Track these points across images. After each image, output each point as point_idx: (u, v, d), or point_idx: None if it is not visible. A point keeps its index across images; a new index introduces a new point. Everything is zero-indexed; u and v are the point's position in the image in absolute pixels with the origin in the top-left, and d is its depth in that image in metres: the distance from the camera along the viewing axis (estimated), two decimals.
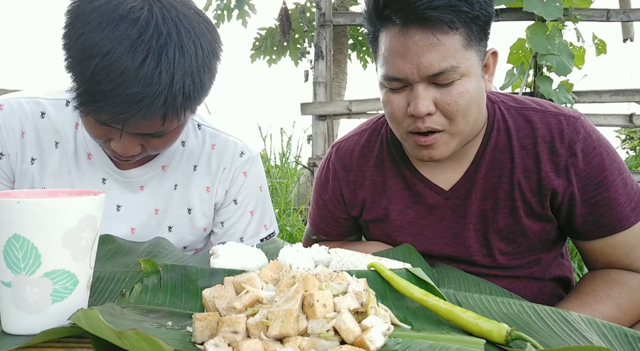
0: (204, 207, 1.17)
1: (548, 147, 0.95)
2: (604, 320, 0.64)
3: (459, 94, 0.88)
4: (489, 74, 0.97)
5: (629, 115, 3.54)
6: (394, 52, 0.89)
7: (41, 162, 1.05)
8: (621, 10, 3.53)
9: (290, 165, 4.79)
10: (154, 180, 1.12)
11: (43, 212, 0.53)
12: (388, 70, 0.91)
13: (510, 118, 1.00)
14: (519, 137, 0.98)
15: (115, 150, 0.92)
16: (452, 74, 0.86)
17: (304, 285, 0.56)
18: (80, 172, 1.07)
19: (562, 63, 3.22)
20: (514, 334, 0.54)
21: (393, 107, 0.94)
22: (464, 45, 0.87)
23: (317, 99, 3.77)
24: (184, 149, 1.16)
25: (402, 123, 0.94)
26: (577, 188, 0.94)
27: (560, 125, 0.95)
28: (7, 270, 0.54)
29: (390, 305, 0.64)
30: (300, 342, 0.50)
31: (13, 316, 0.55)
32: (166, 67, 0.83)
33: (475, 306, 0.67)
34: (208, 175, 1.17)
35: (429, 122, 0.90)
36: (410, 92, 0.90)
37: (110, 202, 1.09)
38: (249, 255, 0.79)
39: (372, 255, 0.84)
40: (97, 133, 0.92)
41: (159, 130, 0.91)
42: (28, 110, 1.04)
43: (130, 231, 1.11)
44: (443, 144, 0.92)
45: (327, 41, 3.77)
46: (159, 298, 0.66)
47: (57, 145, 1.06)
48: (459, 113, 0.89)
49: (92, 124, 0.91)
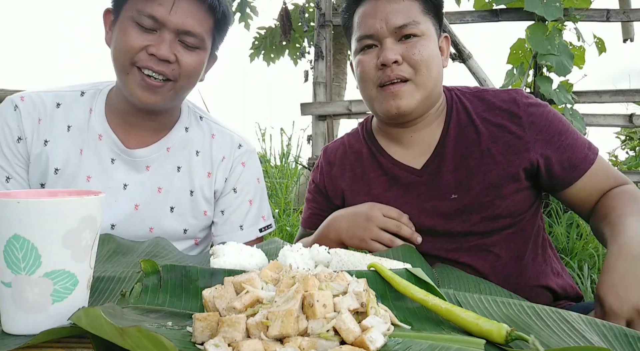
0: (204, 191, 1.25)
1: (507, 113, 1.09)
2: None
3: (422, 47, 1.05)
4: (444, 56, 1.15)
5: (629, 115, 3.54)
6: (366, 14, 1.08)
7: (54, 144, 1.15)
8: (621, 10, 3.53)
9: (290, 165, 4.79)
10: (158, 160, 1.21)
11: (43, 212, 0.53)
12: (362, 31, 1.09)
13: (466, 99, 1.14)
14: (478, 112, 1.11)
15: (154, 52, 1.04)
16: (414, 28, 1.05)
17: (304, 285, 0.56)
18: (90, 152, 1.16)
19: (562, 63, 3.22)
20: (514, 334, 0.54)
21: (364, 64, 1.09)
22: (421, 10, 1.08)
23: (317, 99, 3.77)
24: (187, 135, 1.25)
25: (372, 78, 1.08)
26: (545, 141, 1.06)
27: (511, 95, 1.11)
28: (7, 270, 0.54)
29: (390, 305, 0.64)
30: (300, 342, 0.50)
31: (13, 316, 0.55)
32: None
33: (475, 306, 0.67)
34: (209, 161, 1.26)
35: (397, 70, 1.05)
36: (380, 49, 1.07)
37: (117, 181, 1.17)
38: (249, 255, 0.79)
39: (372, 255, 0.84)
40: (137, 41, 1.05)
41: (197, 29, 1.08)
42: (45, 101, 1.16)
43: (134, 207, 1.19)
44: (409, 94, 1.06)
45: (327, 41, 3.77)
46: (159, 298, 0.66)
47: (70, 128, 1.17)
48: (422, 63, 1.05)
49: (135, 32, 1.05)
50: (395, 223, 1.07)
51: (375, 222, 1.06)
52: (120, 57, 1.07)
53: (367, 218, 1.07)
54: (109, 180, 1.17)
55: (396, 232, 1.06)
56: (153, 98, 1.08)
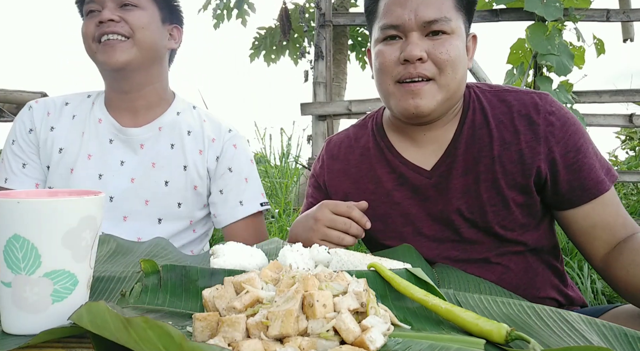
0: (197, 167, 1.35)
1: (525, 119, 1.01)
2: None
3: (450, 45, 0.97)
4: (469, 57, 1.07)
5: (629, 115, 3.55)
6: (395, 2, 0.99)
7: (59, 128, 1.34)
8: (621, 10, 3.53)
9: (290, 165, 4.79)
10: (151, 139, 1.34)
11: (43, 212, 0.53)
12: (387, 19, 1.00)
13: (485, 99, 1.07)
14: (495, 114, 1.04)
15: (100, 19, 1.21)
16: (444, 25, 0.97)
17: (304, 285, 0.56)
18: (91, 135, 1.33)
19: (562, 63, 3.22)
20: (513, 334, 0.54)
21: (385, 56, 1.01)
22: (454, 6, 0.99)
23: (317, 99, 3.78)
24: (178, 117, 1.38)
25: (392, 72, 1.01)
26: (558, 155, 0.98)
27: (534, 100, 1.02)
28: (7, 270, 0.54)
29: (390, 305, 0.64)
30: (300, 342, 0.50)
31: (13, 316, 0.55)
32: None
33: (475, 306, 0.67)
34: (201, 140, 1.37)
35: (420, 68, 0.97)
36: (405, 43, 0.99)
37: (115, 159, 1.33)
38: (249, 255, 0.79)
39: (372, 255, 0.84)
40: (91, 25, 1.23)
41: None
42: (55, 101, 1.38)
43: (130, 181, 1.32)
44: (430, 94, 0.98)
45: (327, 41, 3.77)
46: (159, 298, 0.66)
47: (74, 117, 1.36)
48: (449, 64, 0.97)
49: (87, 20, 1.24)
50: (343, 220, 0.98)
51: (322, 222, 0.98)
52: (86, 42, 1.25)
53: (315, 219, 0.99)
54: (108, 158, 1.32)
55: (345, 230, 0.98)
56: (118, 55, 1.22)
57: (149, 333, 0.40)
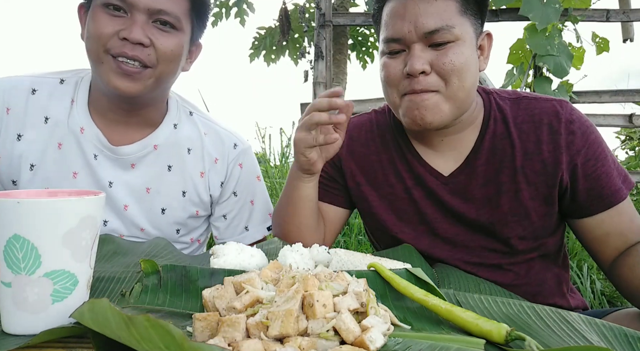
0: (199, 192, 1.18)
1: (547, 128, 0.99)
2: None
3: (455, 55, 0.93)
4: (484, 56, 1.02)
5: (629, 115, 3.55)
6: (394, 13, 0.96)
7: (29, 137, 1.06)
8: (621, 11, 3.53)
9: (290, 165, 4.78)
10: (146, 159, 1.13)
11: (43, 212, 0.53)
12: (388, 33, 0.97)
13: (506, 107, 1.04)
14: (516, 123, 1.02)
15: (126, 36, 0.97)
16: (447, 34, 0.92)
17: (304, 285, 0.56)
18: (71, 147, 1.08)
19: (560, 64, 3.22)
20: (513, 334, 0.54)
21: (389, 70, 0.98)
22: (459, 11, 0.94)
23: None
24: (176, 131, 1.17)
25: (397, 86, 0.98)
26: (579, 164, 0.97)
27: (554, 108, 1.01)
28: (7, 270, 0.54)
29: (390, 305, 0.64)
30: (300, 342, 0.50)
31: (13, 316, 0.55)
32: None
33: (475, 306, 0.67)
34: (201, 160, 1.19)
35: (424, 82, 0.94)
36: (408, 55, 0.95)
37: (102, 179, 1.10)
38: (249, 255, 0.79)
39: (372, 255, 0.84)
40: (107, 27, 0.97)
41: (171, 8, 1.00)
42: (17, 87, 1.07)
43: (123, 208, 1.13)
44: (436, 106, 0.95)
45: (327, 41, 3.77)
46: (159, 298, 0.66)
47: (47, 120, 1.07)
48: (454, 73, 0.93)
49: (105, 17, 0.98)
50: (314, 114, 0.95)
51: (300, 130, 0.97)
52: (92, 46, 0.99)
53: (296, 138, 0.98)
54: (95, 177, 1.10)
55: (325, 122, 0.95)
56: (132, 86, 1.00)
57: (150, 331, 0.40)
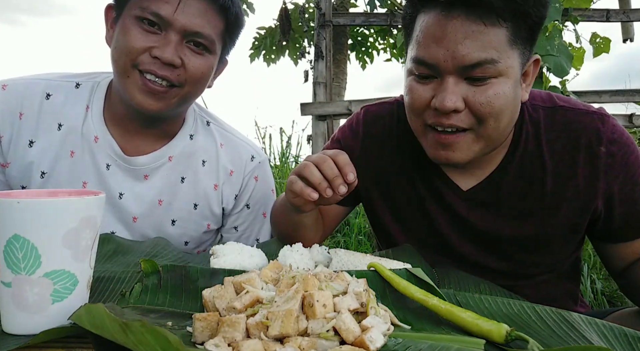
0: (211, 204, 1.16)
1: (584, 149, 0.88)
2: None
3: (495, 95, 0.79)
4: (527, 83, 0.88)
5: (629, 115, 3.55)
6: (430, 34, 0.80)
7: (41, 145, 1.03)
8: (621, 11, 3.53)
9: (290, 165, 4.79)
10: (160, 170, 1.10)
11: (43, 212, 0.53)
12: (419, 52, 0.82)
13: (539, 118, 0.92)
14: (550, 140, 0.91)
15: (158, 55, 0.94)
16: (489, 69, 0.78)
17: (304, 285, 0.56)
18: (84, 155, 1.05)
19: (560, 64, 3.21)
20: (513, 334, 0.54)
21: (415, 96, 0.85)
22: (508, 41, 0.78)
23: (317, 99, 3.78)
24: (192, 143, 1.14)
25: (422, 114, 0.86)
26: (616, 190, 0.88)
27: (595, 124, 0.89)
28: (7, 270, 0.54)
29: (390, 305, 0.64)
30: (300, 342, 0.50)
31: (13, 317, 0.55)
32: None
33: (475, 306, 0.67)
34: (216, 173, 1.16)
35: (455, 119, 0.81)
36: (439, 85, 0.82)
37: (113, 190, 1.07)
38: (249, 255, 0.79)
39: (372, 255, 0.84)
40: (139, 42, 0.94)
41: (207, 31, 0.98)
42: (32, 91, 1.04)
43: (132, 219, 1.10)
44: (465, 146, 0.84)
45: (327, 41, 3.77)
46: (159, 298, 0.66)
47: (60, 127, 1.04)
48: (491, 116, 0.80)
49: (137, 31, 0.95)
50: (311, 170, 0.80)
51: (294, 173, 0.84)
52: (120, 58, 0.96)
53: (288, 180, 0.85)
54: (105, 187, 1.07)
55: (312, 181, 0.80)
56: (156, 104, 0.98)
57: (147, 336, 0.41)
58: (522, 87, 0.86)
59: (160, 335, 0.40)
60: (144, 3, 0.95)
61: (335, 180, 0.79)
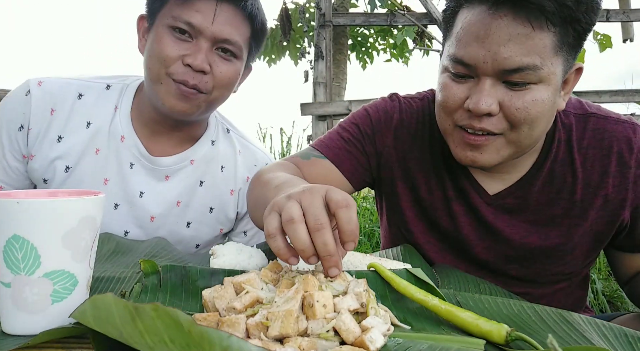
0: (226, 209, 1.19)
1: (616, 158, 0.88)
2: None
3: (532, 101, 0.76)
4: (566, 91, 0.84)
5: (629, 115, 3.55)
6: (472, 32, 0.76)
7: (69, 140, 1.08)
8: (621, 11, 3.53)
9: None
10: (181, 172, 1.14)
11: (43, 212, 0.53)
12: (458, 50, 0.79)
13: (571, 125, 0.91)
14: (581, 148, 0.90)
15: (190, 62, 0.98)
16: (530, 75, 0.75)
17: (304, 285, 0.56)
18: (109, 153, 1.10)
19: None
20: (513, 334, 0.54)
21: (449, 95, 0.82)
22: (554, 47, 0.74)
23: (317, 99, 3.78)
24: (213, 148, 1.19)
25: (453, 114, 0.83)
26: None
27: (626, 133, 0.88)
28: (6, 270, 0.54)
29: (390, 306, 0.64)
30: (300, 343, 0.50)
31: (13, 317, 0.55)
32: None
33: (475, 306, 0.67)
34: (233, 179, 1.20)
35: (487, 123, 0.79)
36: (475, 86, 0.79)
37: (134, 188, 1.11)
38: (249, 255, 0.79)
39: (372, 255, 0.84)
40: (173, 50, 0.98)
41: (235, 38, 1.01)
42: (66, 90, 1.08)
43: (149, 219, 1.14)
44: (494, 150, 0.81)
45: (327, 41, 3.77)
46: (158, 298, 0.66)
47: (89, 125, 1.09)
48: (525, 123, 0.78)
49: (170, 40, 0.99)
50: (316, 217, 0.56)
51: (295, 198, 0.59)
52: (154, 66, 1.01)
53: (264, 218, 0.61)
54: (126, 186, 1.11)
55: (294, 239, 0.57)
56: (185, 106, 1.02)
57: (156, 322, 0.40)
58: (561, 95, 0.83)
59: (171, 320, 0.39)
60: (175, 12, 0.99)
61: (327, 260, 0.57)
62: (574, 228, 0.90)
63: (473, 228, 0.96)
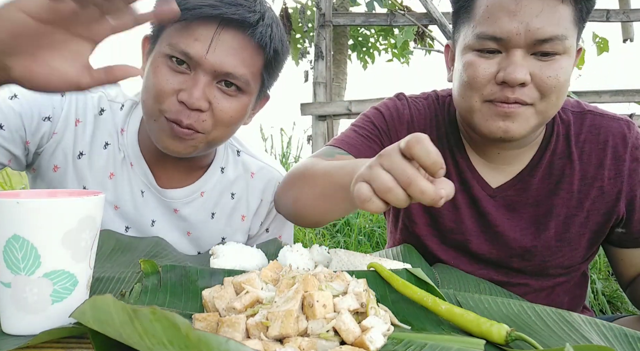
0: (237, 236, 1.15)
1: (611, 151, 0.92)
2: None
3: (561, 69, 0.82)
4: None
5: (629, 115, 3.55)
6: (503, 7, 0.80)
7: (89, 159, 1.01)
8: (621, 11, 3.53)
9: (290, 165, 4.79)
10: (190, 205, 1.08)
11: (43, 213, 0.53)
12: (488, 28, 0.82)
13: (570, 122, 0.96)
14: (579, 142, 0.94)
15: (185, 99, 0.87)
16: (558, 45, 0.80)
17: (303, 285, 0.56)
18: (122, 179, 1.04)
19: None
20: (514, 334, 0.54)
21: (478, 71, 0.84)
22: (573, 20, 0.82)
23: (317, 99, 3.78)
24: (222, 176, 1.12)
25: (482, 90, 0.85)
26: (638, 195, 0.92)
27: (621, 129, 0.93)
28: (6, 270, 0.54)
29: (390, 305, 0.64)
30: (300, 343, 0.50)
31: (13, 317, 0.55)
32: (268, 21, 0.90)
33: (475, 306, 0.67)
34: (245, 204, 1.14)
35: (519, 92, 0.82)
36: (505, 59, 0.83)
37: (147, 216, 1.06)
38: (249, 255, 0.79)
39: (372, 255, 0.84)
40: (167, 85, 0.88)
41: (240, 71, 0.90)
42: (90, 103, 1.02)
43: None
44: (525, 119, 0.84)
45: (327, 41, 3.77)
46: (158, 298, 0.66)
47: (107, 146, 1.03)
48: (555, 90, 0.82)
49: (165, 72, 0.89)
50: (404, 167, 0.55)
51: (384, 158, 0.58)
52: (149, 101, 0.91)
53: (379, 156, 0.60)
54: (137, 213, 1.06)
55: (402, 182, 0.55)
56: (180, 146, 0.93)
57: (155, 325, 0.40)
58: None
59: (169, 323, 0.39)
60: (173, 40, 0.89)
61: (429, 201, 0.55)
62: (572, 218, 0.94)
63: (474, 220, 0.99)
